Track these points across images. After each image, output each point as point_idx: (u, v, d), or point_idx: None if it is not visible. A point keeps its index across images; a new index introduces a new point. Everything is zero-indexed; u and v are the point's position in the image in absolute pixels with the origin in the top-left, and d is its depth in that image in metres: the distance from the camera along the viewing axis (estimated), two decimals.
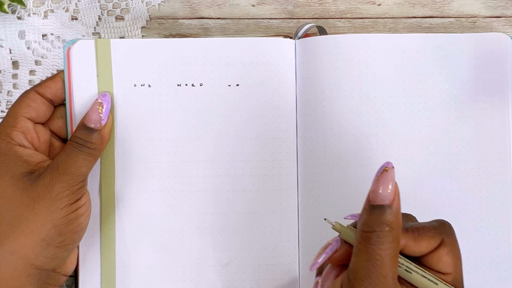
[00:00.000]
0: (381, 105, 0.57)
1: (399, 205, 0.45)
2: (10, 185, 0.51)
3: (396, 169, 0.57)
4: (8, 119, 0.54)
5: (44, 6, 0.59)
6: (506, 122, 0.58)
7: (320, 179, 0.57)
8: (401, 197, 0.56)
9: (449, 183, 0.57)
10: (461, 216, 0.57)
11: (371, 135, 0.57)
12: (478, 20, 0.61)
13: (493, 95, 0.58)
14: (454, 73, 0.58)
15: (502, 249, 0.57)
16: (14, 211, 0.51)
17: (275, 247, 0.57)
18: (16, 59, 0.60)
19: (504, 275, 0.57)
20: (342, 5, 0.60)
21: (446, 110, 0.58)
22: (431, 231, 0.45)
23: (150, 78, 0.57)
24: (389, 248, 0.43)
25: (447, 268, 0.45)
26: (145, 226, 0.57)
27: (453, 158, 0.57)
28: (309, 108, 0.57)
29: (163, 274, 0.57)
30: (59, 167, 0.52)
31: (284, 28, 0.60)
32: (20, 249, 0.50)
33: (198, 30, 0.60)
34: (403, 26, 0.60)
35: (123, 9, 0.60)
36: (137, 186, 0.57)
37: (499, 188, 0.58)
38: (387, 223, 0.43)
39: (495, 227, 0.57)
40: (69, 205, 0.51)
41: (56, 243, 0.51)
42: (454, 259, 0.45)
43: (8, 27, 0.59)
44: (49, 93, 0.56)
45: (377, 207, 0.44)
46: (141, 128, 0.57)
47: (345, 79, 0.57)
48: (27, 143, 0.54)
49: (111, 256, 0.57)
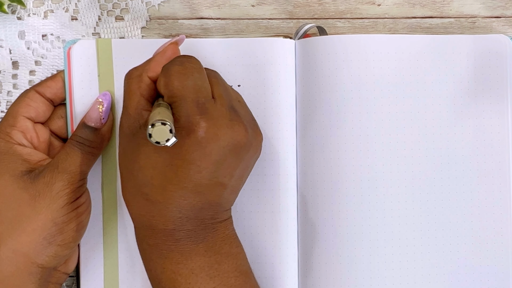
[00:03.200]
0: (380, 105, 0.57)
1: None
2: (10, 183, 0.51)
3: (395, 169, 0.57)
4: (7, 118, 0.54)
5: (44, 6, 0.59)
6: (506, 123, 0.58)
7: (319, 179, 0.57)
8: (400, 197, 0.57)
9: (449, 183, 0.57)
10: (461, 216, 0.57)
11: (371, 135, 0.57)
12: (477, 20, 0.61)
13: (492, 95, 0.58)
14: (454, 73, 0.58)
15: (501, 249, 0.57)
16: (15, 210, 0.51)
17: (274, 246, 0.57)
18: (16, 59, 0.59)
19: (502, 275, 0.57)
20: (342, 5, 0.60)
21: (446, 110, 0.58)
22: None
23: None
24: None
25: (162, 89, 0.50)
26: None
27: (453, 158, 0.57)
28: (309, 108, 0.57)
29: None
30: (59, 165, 0.52)
31: (284, 28, 0.60)
32: (21, 248, 0.50)
33: (198, 31, 0.60)
34: (403, 26, 0.61)
35: (123, 9, 0.60)
36: None
37: (499, 188, 0.58)
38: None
39: (495, 227, 0.57)
40: (69, 204, 0.51)
41: (57, 241, 0.51)
42: (166, 78, 0.49)
43: (8, 27, 0.59)
44: (49, 93, 0.56)
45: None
46: None
47: (345, 79, 0.57)
48: (27, 142, 0.54)
49: (114, 255, 0.57)
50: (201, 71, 0.50)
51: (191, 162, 0.47)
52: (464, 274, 0.57)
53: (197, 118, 0.47)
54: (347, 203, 0.57)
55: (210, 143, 0.47)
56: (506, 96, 0.58)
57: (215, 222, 0.50)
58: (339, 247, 0.56)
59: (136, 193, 0.49)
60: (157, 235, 0.49)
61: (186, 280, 0.49)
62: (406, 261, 0.57)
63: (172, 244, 0.49)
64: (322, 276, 0.57)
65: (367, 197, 0.56)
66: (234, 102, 0.52)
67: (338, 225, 0.56)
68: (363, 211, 0.56)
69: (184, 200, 0.48)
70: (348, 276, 0.56)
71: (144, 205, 0.49)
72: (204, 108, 0.48)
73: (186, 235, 0.49)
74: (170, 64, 0.50)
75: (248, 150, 0.50)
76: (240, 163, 0.50)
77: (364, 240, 0.56)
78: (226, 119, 0.49)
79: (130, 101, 0.51)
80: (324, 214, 0.57)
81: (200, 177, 0.48)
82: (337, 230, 0.57)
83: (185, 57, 0.51)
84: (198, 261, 0.49)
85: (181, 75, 0.49)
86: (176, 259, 0.49)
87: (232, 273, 0.50)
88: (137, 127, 0.50)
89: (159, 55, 0.52)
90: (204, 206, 0.49)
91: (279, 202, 0.57)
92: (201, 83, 0.49)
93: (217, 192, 0.49)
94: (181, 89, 0.48)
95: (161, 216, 0.49)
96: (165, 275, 0.49)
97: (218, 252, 0.50)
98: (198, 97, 0.48)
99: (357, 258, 0.56)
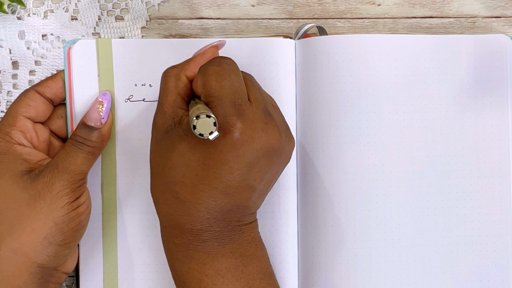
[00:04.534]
0: (380, 105, 0.57)
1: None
2: (10, 183, 0.51)
3: (395, 168, 0.57)
4: (7, 118, 0.54)
5: (44, 6, 0.59)
6: (506, 122, 0.58)
7: (319, 179, 0.57)
8: (400, 196, 0.57)
9: (449, 183, 0.57)
10: (461, 216, 0.57)
11: (371, 135, 0.57)
12: (477, 20, 0.61)
13: (492, 95, 0.58)
14: (454, 73, 0.58)
15: (501, 248, 0.57)
16: (15, 210, 0.51)
17: (274, 246, 0.57)
18: (16, 59, 0.59)
19: (502, 275, 0.57)
20: (342, 5, 0.60)
21: (446, 110, 0.58)
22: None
23: (151, 77, 0.57)
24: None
25: (199, 89, 0.50)
26: (146, 224, 0.57)
27: (453, 158, 0.57)
28: (309, 108, 0.57)
29: (165, 272, 0.57)
30: (59, 165, 0.52)
31: (284, 28, 0.60)
32: (22, 248, 0.50)
33: (198, 30, 0.60)
34: (403, 26, 0.61)
35: (123, 9, 0.60)
36: (138, 185, 0.57)
37: (499, 188, 0.58)
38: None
39: (495, 226, 0.57)
40: (69, 203, 0.51)
41: (57, 241, 0.51)
42: (203, 78, 0.49)
43: (8, 27, 0.59)
44: (49, 93, 0.56)
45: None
46: (142, 127, 0.57)
47: (345, 79, 0.57)
48: (26, 142, 0.54)
49: (113, 255, 0.57)
50: (238, 72, 0.51)
51: (224, 162, 0.47)
52: (464, 273, 0.57)
53: (233, 119, 0.48)
54: (347, 203, 0.57)
55: (244, 145, 0.48)
56: (506, 96, 0.58)
57: (241, 224, 0.50)
58: (339, 247, 0.56)
59: (166, 191, 0.49)
60: (183, 234, 0.49)
61: (212, 281, 0.49)
62: (406, 261, 0.57)
63: (198, 245, 0.49)
64: (322, 276, 0.57)
65: (367, 196, 0.56)
66: (269, 106, 0.52)
67: (338, 225, 0.56)
68: (363, 211, 0.56)
69: (213, 201, 0.48)
70: (348, 276, 0.56)
71: (173, 203, 0.49)
72: (240, 109, 0.48)
73: (213, 236, 0.49)
74: (207, 65, 0.50)
75: (280, 155, 0.50)
76: (271, 168, 0.50)
77: (364, 240, 0.56)
78: (261, 122, 0.49)
79: (167, 98, 0.51)
80: (324, 214, 0.57)
81: (231, 178, 0.48)
82: (337, 230, 0.56)
83: (222, 58, 0.51)
84: (224, 263, 0.49)
85: (218, 76, 0.49)
86: (202, 259, 0.49)
87: (257, 275, 0.50)
88: (171, 125, 0.50)
89: (198, 56, 0.52)
90: (232, 208, 0.49)
91: (279, 202, 0.57)
92: (238, 85, 0.50)
93: (246, 195, 0.49)
94: (218, 89, 0.48)
95: (189, 215, 0.49)
96: (191, 275, 0.49)
97: (244, 254, 0.50)
98: (235, 98, 0.48)
99: (357, 258, 0.56)
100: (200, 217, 0.49)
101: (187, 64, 0.52)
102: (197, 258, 0.49)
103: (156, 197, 0.51)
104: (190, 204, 0.48)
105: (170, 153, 0.49)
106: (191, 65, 0.52)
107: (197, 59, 0.52)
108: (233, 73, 0.50)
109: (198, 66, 0.52)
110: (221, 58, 0.51)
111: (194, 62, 0.52)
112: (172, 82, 0.51)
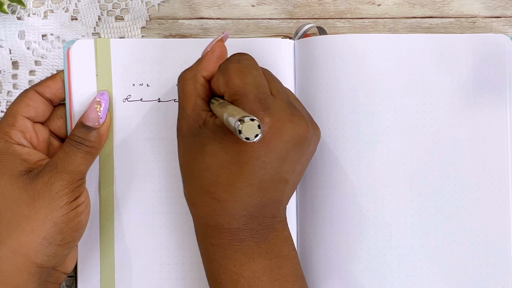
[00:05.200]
0: (380, 105, 0.57)
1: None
2: (9, 183, 0.52)
3: (395, 169, 0.57)
4: (7, 118, 0.54)
5: (44, 6, 0.60)
6: (505, 122, 0.58)
7: (319, 179, 0.57)
8: (400, 197, 0.57)
9: (448, 182, 0.57)
10: (460, 216, 0.57)
11: (370, 135, 0.57)
12: (477, 20, 0.61)
13: (492, 95, 0.58)
14: (454, 73, 0.58)
15: (501, 248, 0.57)
16: (14, 210, 0.51)
17: None
18: (16, 59, 0.60)
19: (502, 275, 0.57)
20: (342, 5, 0.60)
21: (445, 110, 0.57)
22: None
23: (149, 77, 0.57)
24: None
25: (222, 88, 0.50)
26: (144, 225, 0.57)
27: (452, 158, 0.57)
28: (308, 108, 0.57)
29: (162, 273, 0.57)
30: (58, 165, 0.52)
31: (284, 28, 0.60)
32: (21, 248, 0.50)
33: (198, 30, 0.60)
34: (403, 26, 0.60)
35: (123, 9, 0.60)
36: (136, 185, 0.57)
37: (498, 188, 0.57)
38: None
39: (494, 226, 0.57)
40: (68, 203, 0.51)
41: (57, 241, 0.51)
42: (225, 77, 0.50)
43: (8, 27, 0.59)
44: (49, 93, 0.56)
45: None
46: (140, 127, 0.57)
47: (345, 80, 0.57)
48: (26, 142, 0.54)
49: (110, 255, 0.57)
50: (258, 68, 0.51)
51: (257, 158, 0.48)
52: (463, 273, 0.57)
53: (261, 114, 0.48)
54: (347, 203, 0.56)
55: (274, 139, 0.48)
56: (506, 96, 0.58)
57: (275, 221, 0.51)
58: (339, 247, 0.56)
59: (203, 193, 0.50)
60: (221, 234, 0.50)
61: (249, 283, 0.49)
62: (406, 260, 0.57)
63: (236, 244, 0.49)
64: (322, 276, 0.57)
65: (366, 196, 0.56)
66: (291, 98, 0.52)
67: (338, 225, 0.56)
68: (363, 211, 0.56)
69: (249, 198, 0.49)
70: (347, 276, 0.56)
71: (211, 204, 0.49)
72: (266, 104, 0.49)
73: (250, 234, 0.49)
74: (227, 63, 0.50)
75: (309, 144, 0.51)
76: (301, 158, 0.51)
77: (364, 240, 0.56)
78: (287, 114, 0.49)
79: (188, 103, 0.51)
80: (324, 214, 0.57)
81: (265, 173, 0.48)
82: (336, 230, 0.56)
83: (241, 54, 0.51)
84: (261, 264, 0.50)
85: (240, 73, 0.49)
86: (240, 260, 0.49)
87: (291, 278, 0.51)
88: (197, 128, 0.50)
89: (209, 53, 0.53)
90: (267, 203, 0.50)
91: None
92: (260, 80, 0.50)
93: (280, 188, 0.50)
94: (242, 86, 0.49)
95: (227, 214, 0.49)
96: (228, 276, 0.50)
97: (279, 255, 0.50)
98: (259, 94, 0.49)
99: (356, 258, 0.56)
100: (237, 215, 0.49)
101: (200, 64, 0.52)
102: (234, 258, 0.49)
103: (192, 200, 0.51)
104: (228, 203, 0.49)
105: (202, 156, 0.49)
106: (204, 64, 0.52)
107: (208, 56, 0.52)
108: (253, 69, 0.50)
109: (211, 64, 0.52)
110: (239, 55, 0.51)
111: (206, 61, 0.52)
112: (190, 85, 0.51)
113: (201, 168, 0.49)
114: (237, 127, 0.43)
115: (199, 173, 0.49)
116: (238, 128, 0.43)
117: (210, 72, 0.52)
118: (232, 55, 0.52)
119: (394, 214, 0.57)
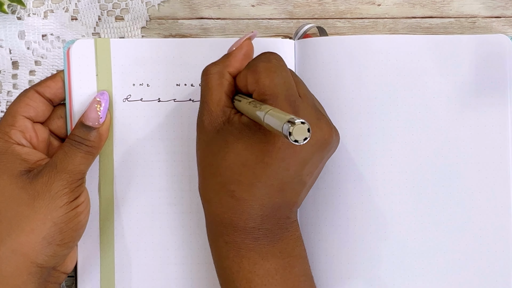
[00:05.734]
0: (380, 105, 0.57)
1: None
2: (8, 183, 0.52)
3: (395, 168, 0.57)
4: (6, 118, 0.54)
5: (44, 6, 0.60)
6: (506, 123, 0.58)
7: (319, 179, 0.56)
8: (401, 196, 0.57)
9: (449, 183, 0.57)
10: (461, 215, 0.57)
11: (371, 135, 0.57)
12: (477, 20, 0.61)
13: (493, 96, 0.58)
14: (454, 74, 0.58)
15: (502, 248, 0.57)
16: (14, 210, 0.51)
17: None
18: (16, 59, 0.60)
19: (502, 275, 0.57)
20: (342, 5, 0.60)
21: (446, 111, 0.57)
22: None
23: (149, 77, 0.57)
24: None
25: (250, 86, 0.50)
26: (144, 225, 0.57)
27: (453, 159, 0.57)
28: None
29: (162, 273, 0.57)
30: (57, 165, 0.52)
31: (284, 28, 0.60)
32: (21, 248, 0.50)
33: (198, 31, 0.60)
34: (403, 26, 0.60)
35: (123, 9, 0.60)
36: (136, 185, 0.57)
37: (499, 187, 0.57)
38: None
39: (495, 226, 0.57)
40: (68, 203, 0.51)
41: (56, 241, 0.51)
42: (255, 75, 0.49)
43: (8, 27, 0.59)
44: (49, 93, 0.56)
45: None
46: (140, 127, 0.57)
47: (345, 80, 0.57)
48: (26, 141, 0.54)
49: (110, 255, 0.57)
50: (286, 68, 0.51)
51: (282, 159, 0.48)
52: (464, 273, 0.57)
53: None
54: (347, 203, 0.56)
55: None
56: (506, 96, 0.58)
57: (288, 222, 0.51)
58: (339, 247, 0.56)
59: (220, 190, 0.49)
60: (236, 233, 0.49)
61: (262, 281, 0.49)
62: (406, 260, 0.57)
63: (251, 243, 0.49)
64: (322, 276, 0.57)
65: (367, 196, 0.56)
66: (315, 101, 0.52)
67: (338, 224, 0.56)
68: (363, 211, 0.56)
69: (268, 198, 0.49)
70: (348, 276, 0.56)
71: (228, 202, 0.49)
72: (295, 105, 0.48)
73: (264, 234, 0.49)
74: (257, 61, 0.50)
75: (331, 148, 0.51)
76: (321, 162, 0.51)
77: (364, 240, 0.56)
78: (314, 118, 0.49)
79: (212, 97, 0.50)
80: (324, 214, 0.57)
81: (287, 175, 0.48)
82: (337, 229, 0.56)
83: (270, 54, 0.51)
84: (274, 263, 0.50)
85: (270, 72, 0.49)
86: (253, 259, 0.49)
87: (302, 277, 0.51)
88: (220, 124, 0.50)
89: (236, 50, 0.52)
90: (283, 205, 0.50)
91: None
92: (289, 81, 0.50)
93: (297, 190, 0.50)
94: (273, 87, 0.48)
95: (243, 213, 0.49)
96: (241, 274, 0.49)
97: (291, 254, 0.50)
98: (289, 95, 0.49)
99: (357, 257, 0.56)
100: (254, 215, 0.49)
101: (227, 60, 0.52)
102: (248, 257, 0.49)
103: (207, 197, 0.51)
104: (245, 202, 0.49)
105: (224, 153, 0.49)
106: (231, 61, 0.52)
107: (236, 53, 0.52)
108: (283, 70, 0.50)
109: (238, 61, 0.51)
110: (269, 54, 0.51)
111: (234, 57, 0.52)
112: (215, 80, 0.51)
113: (222, 165, 0.49)
114: (287, 129, 0.42)
115: (219, 170, 0.49)
116: (288, 130, 0.42)
117: (236, 69, 0.51)
118: (261, 53, 0.51)
119: (395, 213, 0.57)
